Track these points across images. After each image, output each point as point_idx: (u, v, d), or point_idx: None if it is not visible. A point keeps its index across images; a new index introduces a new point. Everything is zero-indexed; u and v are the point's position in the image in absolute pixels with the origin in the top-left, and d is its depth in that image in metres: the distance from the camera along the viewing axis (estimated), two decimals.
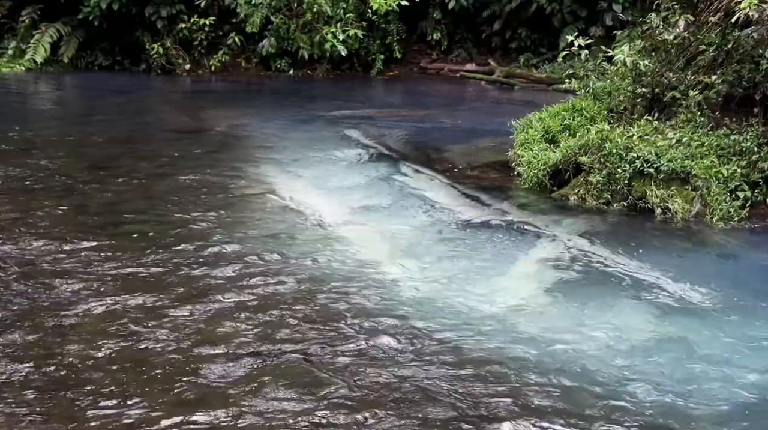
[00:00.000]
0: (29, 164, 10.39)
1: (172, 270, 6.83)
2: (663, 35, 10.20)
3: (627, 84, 10.46)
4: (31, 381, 4.91)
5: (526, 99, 17.52)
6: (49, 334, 5.56)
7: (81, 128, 13.88)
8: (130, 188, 9.50)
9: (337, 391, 4.91)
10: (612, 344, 5.74)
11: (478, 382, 5.10)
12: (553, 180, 9.82)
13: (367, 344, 5.59)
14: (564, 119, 10.61)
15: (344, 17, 20.58)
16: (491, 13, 22.02)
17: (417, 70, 23.00)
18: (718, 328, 6.09)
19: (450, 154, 12.17)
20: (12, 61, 21.01)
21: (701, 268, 7.48)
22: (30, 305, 6.01)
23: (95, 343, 5.43)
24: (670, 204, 8.81)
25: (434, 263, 7.36)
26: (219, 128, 14.10)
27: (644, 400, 4.95)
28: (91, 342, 5.44)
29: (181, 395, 4.82)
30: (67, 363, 5.15)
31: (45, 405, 4.65)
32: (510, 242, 8.03)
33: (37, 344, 5.41)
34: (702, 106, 9.59)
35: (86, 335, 5.55)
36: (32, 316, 5.82)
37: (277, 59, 21.72)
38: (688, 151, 9.04)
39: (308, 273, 6.91)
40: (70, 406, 4.66)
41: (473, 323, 6.00)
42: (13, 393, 4.76)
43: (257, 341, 5.55)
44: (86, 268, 6.79)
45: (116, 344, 5.43)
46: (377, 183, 10.33)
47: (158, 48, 20.90)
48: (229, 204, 9.00)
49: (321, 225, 8.37)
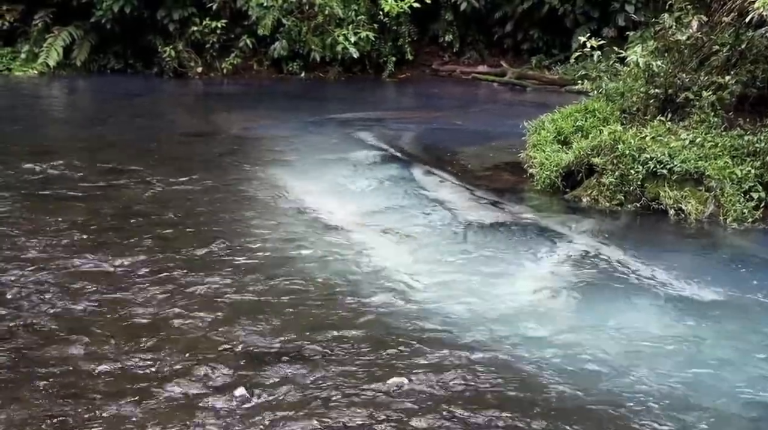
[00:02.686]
0: (42, 167, 10.43)
1: (185, 273, 6.84)
2: (676, 36, 10.15)
3: (640, 85, 10.43)
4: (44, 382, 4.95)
5: (539, 100, 17.49)
6: (67, 336, 5.60)
7: (93, 131, 13.96)
8: (141, 191, 9.51)
9: (349, 392, 4.91)
10: (626, 344, 5.70)
11: (491, 382, 5.08)
12: (565, 181, 9.80)
13: (381, 346, 5.58)
14: (576, 120, 10.58)
15: (356, 19, 20.58)
16: (503, 14, 22.00)
17: (429, 72, 22.99)
18: (733, 329, 6.06)
19: (462, 156, 12.16)
20: (25, 65, 21.14)
21: (715, 269, 7.44)
22: (49, 309, 6.04)
23: (106, 343, 5.47)
24: (684, 205, 8.77)
25: (447, 265, 7.35)
26: (231, 131, 14.14)
27: (657, 401, 4.91)
28: (103, 343, 5.47)
29: (192, 395, 4.83)
30: (81, 366, 5.18)
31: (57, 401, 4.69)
32: (523, 243, 8.02)
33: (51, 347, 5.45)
34: (715, 106, 9.54)
35: (92, 341, 5.57)
36: (51, 316, 5.86)
37: (288, 61, 21.75)
38: (702, 152, 8.99)
39: (322, 276, 6.91)
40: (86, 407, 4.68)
41: (487, 324, 5.98)
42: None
43: (272, 342, 5.56)
44: (98, 270, 6.82)
45: (128, 340, 5.46)
46: (389, 185, 10.33)
47: (170, 51, 20.95)
48: (242, 207, 9.02)
49: (334, 227, 8.36)
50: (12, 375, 5.04)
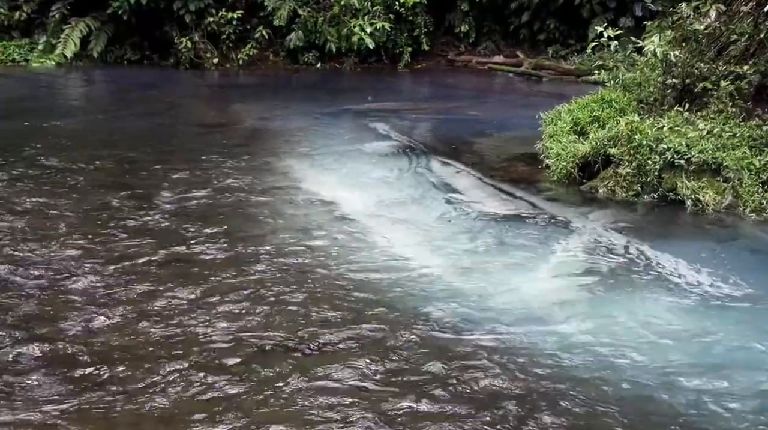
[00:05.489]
0: (59, 158, 10.51)
1: (203, 263, 6.89)
2: (694, 25, 10.08)
3: (657, 75, 10.38)
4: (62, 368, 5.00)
5: (555, 91, 17.43)
6: (84, 328, 5.65)
7: (110, 122, 14.03)
8: (158, 182, 9.55)
9: (366, 383, 4.94)
10: (644, 336, 5.69)
11: (507, 372, 5.10)
12: (582, 172, 9.76)
13: (399, 335, 5.59)
14: (593, 111, 10.52)
15: (372, 10, 20.64)
16: (519, 4, 21.92)
17: (445, 63, 22.95)
18: (752, 320, 6.03)
19: (478, 147, 12.15)
20: (42, 56, 21.25)
21: (733, 260, 7.40)
22: (62, 298, 6.10)
23: (132, 331, 5.51)
24: (701, 196, 8.72)
25: (463, 256, 7.35)
26: (247, 122, 14.18)
27: (677, 393, 4.91)
28: (126, 333, 5.52)
29: (208, 387, 4.87)
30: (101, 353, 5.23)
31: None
32: (540, 234, 8.00)
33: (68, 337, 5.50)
34: (733, 96, 9.48)
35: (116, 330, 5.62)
36: (61, 307, 5.92)
37: (304, 52, 21.75)
38: (720, 143, 8.95)
39: (338, 267, 6.93)
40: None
41: (503, 314, 5.99)
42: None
43: (292, 334, 5.58)
44: (112, 261, 6.86)
45: (150, 329, 5.50)
46: (405, 176, 10.33)
47: (186, 42, 20.99)
48: (258, 197, 9.04)
49: (350, 218, 8.37)
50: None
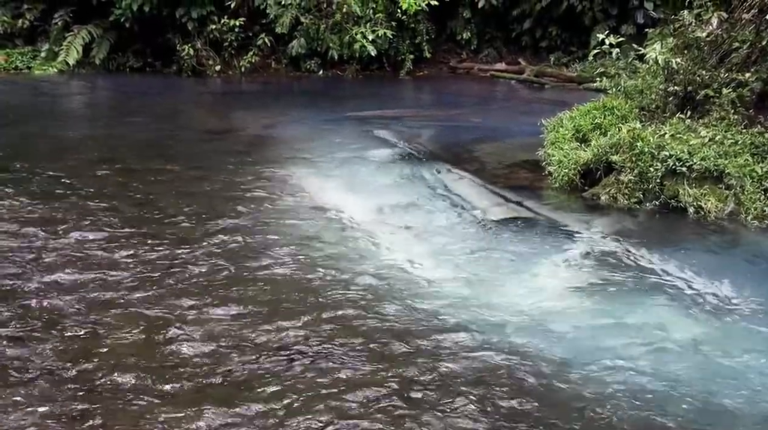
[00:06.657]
0: (62, 165, 10.52)
1: (204, 271, 6.89)
2: (696, 32, 10.07)
3: (659, 82, 10.39)
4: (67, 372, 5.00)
5: (557, 98, 17.43)
6: (89, 329, 5.65)
7: (113, 129, 14.04)
8: (161, 189, 9.56)
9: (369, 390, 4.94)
10: (645, 344, 5.70)
11: (511, 380, 5.10)
12: (584, 179, 9.76)
13: (401, 343, 5.59)
14: (595, 118, 10.52)
15: (374, 17, 20.65)
16: (521, 11, 21.95)
17: (447, 70, 22.97)
18: (755, 328, 6.03)
19: (480, 154, 12.14)
20: (45, 63, 21.28)
21: (735, 267, 7.40)
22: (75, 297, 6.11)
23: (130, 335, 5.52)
24: (703, 203, 8.71)
25: (466, 263, 7.35)
26: (250, 129, 14.19)
27: (680, 401, 4.91)
28: (124, 337, 5.53)
29: (211, 391, 4.87)
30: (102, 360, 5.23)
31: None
32: (542, 241, 8.00)
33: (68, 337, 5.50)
34: (735, 104, 9.49)
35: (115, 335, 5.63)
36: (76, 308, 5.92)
37: (306, 60, 21.78)
38: (722, 150, 8.95)
39: (340, 274, 6.93)
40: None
41: (506, 322, 6.00)
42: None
43: (297, 340, 5.59)
44: (118, 268, 6.87)
45: (148, 334, 5.50)
46: (407, 183, 10.34)
47: (189, 49, 21.02)
48: (260, 205, 9.04)
49: (352, 225, 8.38)
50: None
